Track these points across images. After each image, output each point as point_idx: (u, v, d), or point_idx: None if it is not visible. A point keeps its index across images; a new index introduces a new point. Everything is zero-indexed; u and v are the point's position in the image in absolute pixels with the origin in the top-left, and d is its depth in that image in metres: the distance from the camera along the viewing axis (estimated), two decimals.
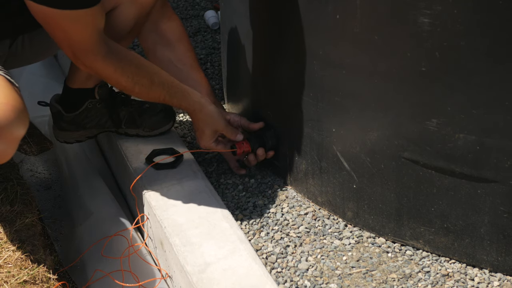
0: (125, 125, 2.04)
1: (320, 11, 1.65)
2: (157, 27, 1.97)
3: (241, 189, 1.96)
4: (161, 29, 1.98)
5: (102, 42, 1.65)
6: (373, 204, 1.74)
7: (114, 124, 2.04)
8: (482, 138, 1.52)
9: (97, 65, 1.67)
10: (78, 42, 1.63)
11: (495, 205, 1.57)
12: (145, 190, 1.85)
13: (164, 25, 1.98)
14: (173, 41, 2.00)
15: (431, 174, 1.61)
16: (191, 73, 2.00)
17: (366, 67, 1.61)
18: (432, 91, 1.53)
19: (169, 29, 1.99)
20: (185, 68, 2.00)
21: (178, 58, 2.00)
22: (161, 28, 1.98)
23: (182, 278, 1.63)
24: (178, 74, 1.94)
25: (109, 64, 1.68)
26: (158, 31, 1.98)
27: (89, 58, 1.66)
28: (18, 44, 1.88)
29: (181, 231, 1.71)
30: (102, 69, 1.69)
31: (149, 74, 1.77)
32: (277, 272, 1.69)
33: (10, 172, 1.99)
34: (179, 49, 2.01)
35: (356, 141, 1.70)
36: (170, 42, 2.00)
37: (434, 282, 1.64)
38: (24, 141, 2.39)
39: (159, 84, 1.78)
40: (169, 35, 1.99)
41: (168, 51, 2.00)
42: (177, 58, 2.00)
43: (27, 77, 2.63)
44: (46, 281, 1.66)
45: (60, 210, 2.10)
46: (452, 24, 1.44)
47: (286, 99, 1.86)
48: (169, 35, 1.99)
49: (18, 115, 1.49)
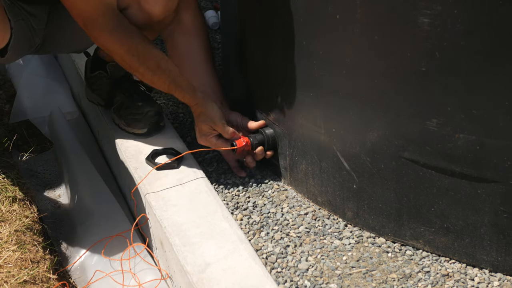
0: (114, 110, 2.11)
1: (320, 11, 1.65)
2: (178, 17, 1.99)
3: (241, 189, 1.96)
4: (181, 19, 1.99)
5: (110, 16, 1.68)
6: (373, 204, 1.74)
7: (107, 104, 2.13)
8: (482, 138, 1.51)
9: (103, 38, 1.72)
10: (83, 11, 1.66)
11: (495, 205, 1.57)
12: (145, 190, 1.85)
13: (185, 16, 1.99)
14: (191, 33, 2.01)
15: (431, 174, 1.61)
16: (202, 67, 2.01)
17: (366, 67, 1.61)
18: (432, 91, 1.53)
19: (189, 21, 2.00)
20: (198, 62, 2.02)
21: (193, 50, 2.01)
22: (182, 18, 1.99)
23: (182, 278, 1.63)
24: (191, 66, 1.99)
25: (115, 39, 1.73)
26: (179, 21, 1.99)
27: (95, 30, 1.71)
28: (54, 15, 1.90)
29: (181, 231, 1.71)
30: (108, 43, 1.74)
31: (156, 58, 1.81)
32: (277, 272, 1.69)
33: (10, 172, 1.99)
34: (195, 42, 2.02)
35: (356, 141, 1.70)
36: (189, 34, 2.01)
37: (434, 282, 1.64)
38: (24, 141, 2.39)
39: (164, 70, 1.82)
40: (188, 26, 2.00)
41: (185, 42, 2.01)
42: (192, 51, 2.01)
43: (27, 77, 2.63)
44: (46, 281, 1.66)
45: (60, 210, 2.10)
46: (452, 24, 1.44)
47: (286, 99, 1.86)
48: (188, 26, 2.01)
49: None
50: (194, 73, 2.00)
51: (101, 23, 1.69)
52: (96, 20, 1.69)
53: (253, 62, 2.01)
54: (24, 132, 2.43)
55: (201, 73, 2.00)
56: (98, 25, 1.70)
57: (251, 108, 2.03)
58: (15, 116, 2.50)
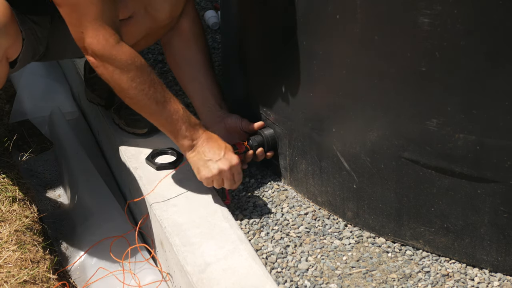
0: (114, 110, 2.11)
1: (320, 11, 1.65)
2: (177, 23, 1.98)
3: (241, 189, 1.96)
4: (180, 25, 1.99)
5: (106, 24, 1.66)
6: (373, 204, 1.74)
7: (108, 104, 2.12)
8: (482, 138, 1.51)
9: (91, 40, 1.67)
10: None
11: (495, 205, 1.57)
12: (145, 190, 1.85)
13: (183, 23, 1.99)
14: (190, 39, 2.00)
15: (431, 174, 1.61)
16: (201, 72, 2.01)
17: (366, 67, 1.61)
18: (432, 91, 1.53)
19: (188, 27, 2.00)
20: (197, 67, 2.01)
21: (192, 56, 2.01)
22: (181, 25, 1.99)
23: (182, 278, 1.63)
24: (190, 71, 1.99)
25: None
26: (178, 27, 1.99)
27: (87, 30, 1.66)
28: (57, 23, 1.90)
29: (181, 231, 1.71)
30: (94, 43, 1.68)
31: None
32: (277, 272, 1.69)
33: (10, 172, 1.99)
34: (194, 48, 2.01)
35: (356, 141, 1.70)
36: (187, 39, 2.00)
37: (434, 282, 1.64)
38: (24, 141, 2.39)
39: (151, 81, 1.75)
40: (187, 32, 2.00)
41: (184, 48, 2.01)
42: (191, 56, 2.01)
43: (27, 77, 2.62)
44: (46, 281, 1.66)
45: (60, 210, 2.10)
46: (452, 24, 1.44)
47: (286, 99, 1.86)
48: (187, 33, 2.00)
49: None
50: (193, 78, 2.00)
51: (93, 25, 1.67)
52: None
53: (253, 62, 2.00)
54: (24, 132, 2.43)
55: (200, 78, 2.00)
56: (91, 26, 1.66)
57: (251, 108, 2.03)
58: (15, 116, 2.50)
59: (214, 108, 1.99)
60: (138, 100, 1.71)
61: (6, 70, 1.75)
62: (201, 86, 2.00)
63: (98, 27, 1.64)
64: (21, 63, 1.82)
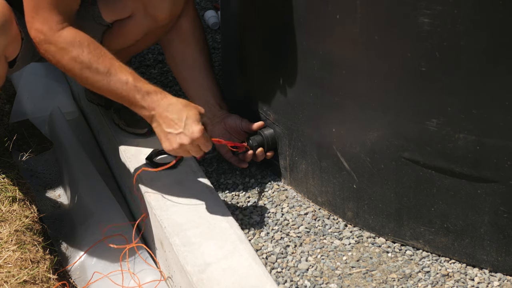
0: (114, 110, 2.10)
1: (320, 11, 1.65)
2: (177, 24, 1.98)
3: (241, 189, 1.96)
4: (180, 26, 1.99)
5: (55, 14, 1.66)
6: (373, 204, 1.74)
7: (108, 104, 2.11)
8: (482, 138, 1.52)
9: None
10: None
11: (495, 205, 1.57)
12: (145, 190, 1.85)
13: (183, 23, 1.99)
14: (189, 40, 2.01)
15: (431, 174, 1.61)
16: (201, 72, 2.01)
17: (366, 67, 1.61)
18: (432, 91, 1.53)
19: (188, 28, 2.00)
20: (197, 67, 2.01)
21: (192, 56, 2.01)
22: (181, 25, 1.99)
23: (182, 278, 1.63)
24: (190, 72, 1.99)
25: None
26: (177, 27, 1.99)
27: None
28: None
29: (181, 231, 1.71)
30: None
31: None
32: (277, 272, 1.69)
33: (10, 172, 1.99)
34: (193, 48, 2.01)
35: (356, 141, 1.70)
36: (187, 40, 2.01)
37: (434, 282, 1.64)
38: (24, 141, 2.39)
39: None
40: (186, 33, 2.00)
41: (183, 49, 2.01)
42: (191, 57, 2.01)
43: (27, 77, 2.62)
44: (46, 281, 1.66)
45: (60, 210, 2.10)
46: (452, 24, 1.44)
47: (286, 99, 1.86)
48: (187, 33, 2.00)
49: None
50: (193, 78, 2.00)
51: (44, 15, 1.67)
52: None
53: (253, 62, 2.01)
54: (24, 132, 2.43)
55: (200, 78, 2.00)
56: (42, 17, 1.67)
57: (251, 108, 2.03)
58: (15, 116, 2.50)
59: (214, 108, 1.99)
60: (86, 78, 1.67)
61: (5, 69, 1.76)
62: (201, 86, 2.00)
63: (48, 14, 1.64)
64: (20, 62, 1.82)
